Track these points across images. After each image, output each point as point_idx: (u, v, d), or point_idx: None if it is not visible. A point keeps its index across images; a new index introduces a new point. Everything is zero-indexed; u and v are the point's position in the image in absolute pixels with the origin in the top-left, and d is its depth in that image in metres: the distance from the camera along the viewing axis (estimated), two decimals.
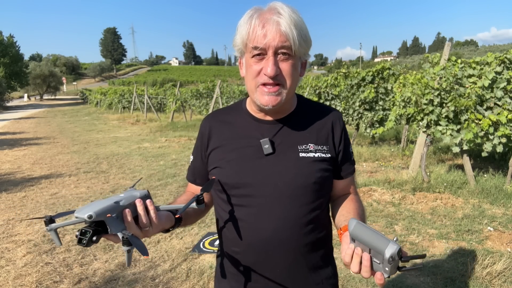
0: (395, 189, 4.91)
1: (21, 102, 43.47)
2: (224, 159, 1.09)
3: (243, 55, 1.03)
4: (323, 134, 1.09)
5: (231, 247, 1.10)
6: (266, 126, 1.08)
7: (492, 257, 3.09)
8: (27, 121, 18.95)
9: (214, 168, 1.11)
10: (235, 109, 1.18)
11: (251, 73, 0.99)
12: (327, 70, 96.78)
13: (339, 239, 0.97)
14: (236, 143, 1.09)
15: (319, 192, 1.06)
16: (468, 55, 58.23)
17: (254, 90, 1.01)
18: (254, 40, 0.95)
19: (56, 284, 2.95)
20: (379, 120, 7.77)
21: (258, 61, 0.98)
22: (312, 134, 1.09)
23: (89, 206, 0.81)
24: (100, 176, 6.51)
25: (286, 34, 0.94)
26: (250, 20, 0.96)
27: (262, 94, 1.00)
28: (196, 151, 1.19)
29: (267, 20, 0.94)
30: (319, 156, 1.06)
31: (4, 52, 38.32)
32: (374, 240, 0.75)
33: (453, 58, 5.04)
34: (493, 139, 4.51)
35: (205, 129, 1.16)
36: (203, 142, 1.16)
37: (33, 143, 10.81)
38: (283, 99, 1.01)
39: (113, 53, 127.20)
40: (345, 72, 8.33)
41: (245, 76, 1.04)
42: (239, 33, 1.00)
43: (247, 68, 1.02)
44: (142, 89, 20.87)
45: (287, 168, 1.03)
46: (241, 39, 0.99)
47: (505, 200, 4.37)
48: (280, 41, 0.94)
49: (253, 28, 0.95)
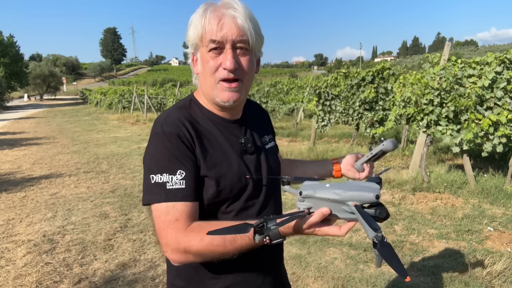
0: (395, 189, 4.91)
1: (21, 102, 43.45)
2: (218, 165, 0.97)
3: (198, 50, 0.99)
4: (266, 125, 1.22)
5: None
6: (234, 126, 1.06)
7: (492, 257, 3.10)
8: (27, 121, 18.95)
9: (206, 176, 0.96)
10: (194, 109, 1.04)
11: (209, 69, 0.95)
12: (327, 70, 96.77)
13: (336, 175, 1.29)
14: (219, 146, 1.00)
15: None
16: (468, 55, 58.23)
17: (214, 86, 0.97)
18: (211, 33, 0.92)
19: (56, 284, 2.95)
20: (379, 120, 7.77)
21: (215, 56, 0.94)
22: (262, 127, 1.18)
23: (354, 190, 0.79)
24: (100, 176, 6.51)
25: (243, 28, 0.93)
26: (205, 14, 0.94)
27: (223, 91, 0.97)
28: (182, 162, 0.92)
29: (223, 14, 0.93)
30: (273, 144, 1.19)
31: (4, 52, 38.32)
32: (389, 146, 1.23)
33: (453, 58, 5.05)
34: (493, 139, 4.51)
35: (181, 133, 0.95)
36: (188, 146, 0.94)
37: (33, 143, 10.81)
38: (242, 95, 1.00)
39: (113, 53, 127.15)
40: (345, 72, 8.33)
41: (201, 73, 0.99)
42: (193, 27, 0.96)
43: (203, 64, 0.97)
44: (142, 89, 20.86)
45: (267, 161, 1.10)
46: (196, 33, 0.95)
47: (505, 200, 4.37)
48: (238, 35, 0.92)
49: (209, 21, 0.93)
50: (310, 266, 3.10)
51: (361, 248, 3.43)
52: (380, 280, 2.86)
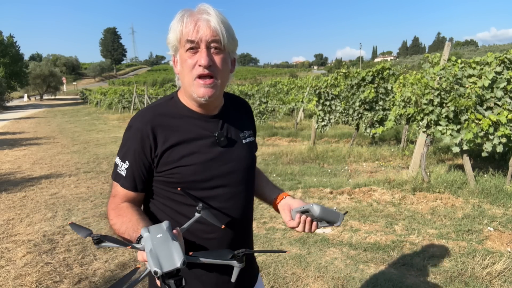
0: (395, 189, 4.91)
1: (21, 102, 43.44)
2: (185, 157, 1.10)
3: (177, 52, 1.11)
4: (246, 121, 1.30)
5: (204, 236, 1.14)
6: (210, 121, 1.17)
7: (492, 257, 3.09)
8: (27, 121, 18.95)
9: (174, 168, 1.10)
10: (172, 106, 1.17)
11: (187, 66, 1.07)
12: (327, 70, 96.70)
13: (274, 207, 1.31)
14: (191, 139, 1.12)
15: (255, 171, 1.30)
16: (468, 55, 58.23)
17: (191, 83, 1.08)
18: (188, 34, 1.04)
19: (56, 284, 2.95)
20: (379, 120, 7.78)
21: (192, 55, 1.06)
22: (241, 122, 1.26)
23: (161, 257, 0.78)
24: (100, 176, 6.51)
25: (215, 29, 1.05)
26: (182, 19, 1.06)
27: (199, 87, 1.07)
28: (132, 156, 1.11)
29: (198, 18, 1.05)
30: (251, 139, 1.27)
31: (4, 52, 38.30)
32: (332, 217, 1.17)
33: (453, 58, 5.05)
34: (493, 139, 4.51)
35: (145, 131, 1.10)
36: (145, 145, 1.09)
37: (33, 143, 10.81)
38: (217, 91, 1.10)
39: (113, 53, 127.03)
40: (345, 72, 8.33)
41: (181, 72, 1.11)
42: (173, 31, 1.08)
43: (182, 63, 1.09)
44: (142, 89, 20.87)
45: (240, 156, 1.20)
46: (175, 36, 1.08)
47: (505, 200, 4.37)
48: (212, 35, 1.04)
49: (185, 25, 1.05)
50: (310, 266, 3.11)
51: (361, 248, 3.43)
52: (380, 280, 2.86)
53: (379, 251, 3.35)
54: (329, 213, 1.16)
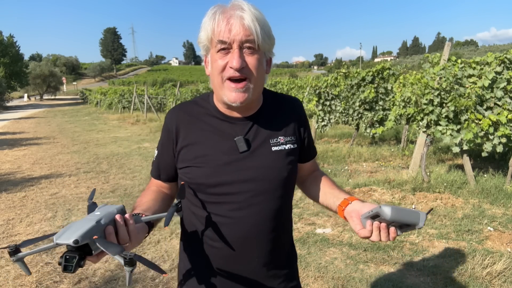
0: (395, 189, 4.91)
1: (21, 102, 43.43)
2: (198, 158, 1.06)
3: (209, 51, 1.04)
4: (290, 125, 1.14)
5: (208, 242, 1.11)
6: (237, 124, 1.08)
7: (492, 257, 3.09)
8: (27, 121, 18.95)
9: (187, 167, 1.08)
10: (202, 105, 1.13)
11: (217, 67, 0.99)
12: (327, 70, 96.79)
13: (340, 214, 1.09)
14: (209, 141, 1.07)
15: (290, 184, 1.13)
16: (468, 55, 58.23)
17: (221, 85, 1.01)
18: (219, 34, 0.96)
19: (56, 284, 2.95)
20: (379, 120, 7.77)
21: (223, 56, 0.98)
22: (280, 126, 1.12)
23: (69, 230, 0.76)
24: (100, 176, 6.51)
25: (249, 28, 0.95)
26: (214, 16, 0.98)
27: (230, 91, 1.00)
28: (162, 146, 1.16)
29: (231, 15, 0.96)
30: (289, 147, 1.11)
31: (4, 52, 38.29)
32: (410, 218, 0.96)
33: (453, 58, 5.04)
34: (493, 139, 4.51)
35: (171, 125, 1.12)
36: (170, 137, 1.11)
37: (33, 143, 10.81)
38: (250, 95, 1.01)
39: (113, 53, 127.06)
40: (345, 72, 8.33)
41: (211, 73, 1.04)
42: (204, 30, 1.00)
43: (212, 63, 1.02)
44: (142, 89, 20.87)
45: (262, 164, 1.06)
46: (206, 35, 1.00)
47: (505, 200, 4.37)
48: (245, 34, 0.96)
49: (217, 23, 0.97)
50: (310, 266, 3.11)
51: (361, 248, 3.43)
52: (380, 280, 2.87)
53: (379, 251, 3.35)
54: (405, 214, 0.96)
